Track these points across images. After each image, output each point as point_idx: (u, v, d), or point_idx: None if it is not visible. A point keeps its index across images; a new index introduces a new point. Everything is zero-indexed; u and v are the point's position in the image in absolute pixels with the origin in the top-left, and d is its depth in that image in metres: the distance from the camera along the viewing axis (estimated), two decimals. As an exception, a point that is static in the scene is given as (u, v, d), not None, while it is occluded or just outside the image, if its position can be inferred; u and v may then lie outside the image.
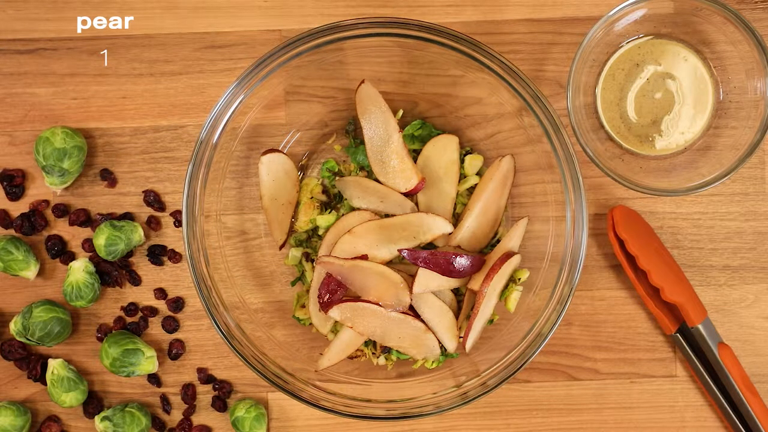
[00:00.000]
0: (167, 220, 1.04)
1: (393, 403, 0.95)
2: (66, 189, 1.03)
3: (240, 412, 1.02)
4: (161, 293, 1.04)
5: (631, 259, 1.01)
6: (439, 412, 0.93)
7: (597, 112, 1.00)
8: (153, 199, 1.03)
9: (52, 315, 1.00)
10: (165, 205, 1.04)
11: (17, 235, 1.03)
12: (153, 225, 1.03)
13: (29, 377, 1.03)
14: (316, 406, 0.93)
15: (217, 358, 1.04)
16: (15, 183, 1.03)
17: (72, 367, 1.02)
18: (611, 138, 1.01)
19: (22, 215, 1.03)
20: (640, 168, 1.00)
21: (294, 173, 1.00)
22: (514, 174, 1.00)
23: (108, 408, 1.03)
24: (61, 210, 1.03)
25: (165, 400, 1.04)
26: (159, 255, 1.03)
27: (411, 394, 0.97)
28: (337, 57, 0.97)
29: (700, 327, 1.00)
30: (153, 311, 1.04)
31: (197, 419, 1.05)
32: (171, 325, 1.04)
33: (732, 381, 1.00)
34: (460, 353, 1.00)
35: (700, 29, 0.98)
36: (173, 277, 1.04)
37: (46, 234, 1.04)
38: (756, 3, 1.02)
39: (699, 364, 1.02)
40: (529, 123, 0.94)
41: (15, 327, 1.01)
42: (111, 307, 1.04)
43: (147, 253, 1.04)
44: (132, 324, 1.04)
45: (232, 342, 0.93)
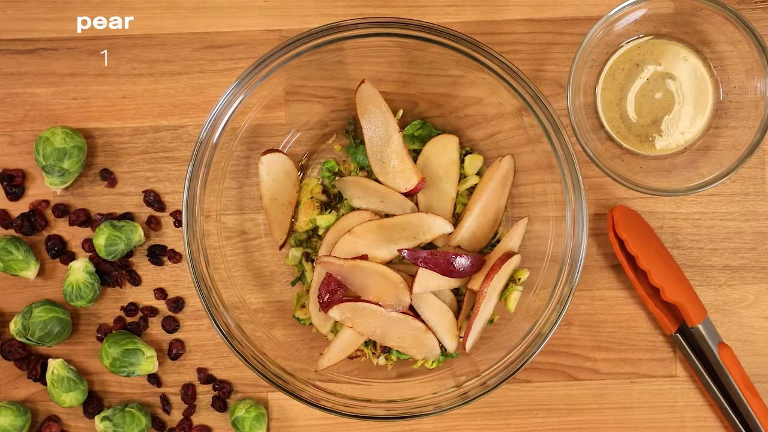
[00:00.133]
0: (167, 220, 1.04)
1: (393, 403, 0.95)
2: (66, 189, 1.03)
3: (240, 412, 1.02)
4: (161, 293, 1.04)
5: (631, 259, 1.01)
6: (439, 412, 0.93)
7: (597, 112, 1.00)
8: (153, 199, 1.03)
9: (52, 315, 1.00)
10: (165, 205, 1.04)
11: (17, 235, 1.03)
12: (153, 225, 1.03)
13: (29, 377, 1.03)
14: (316, 406, 0.93)
15: (217, 358, 1.04)
16: (15, 183, 1.03)
17: (72, 367, 1.02)
18: (611, 138, 1.01)
19: (22, 215, 1.03)
20: (640, 168, 1.00)
21: (294, 173, 1.00)
22: (514, 174, 1.00)
23: (108, 408, 1.03)
24: (61, 210, 1.03)
25: (165, 400, 1.04)
26: (159, 255, 1.03)
27: (411, 394, 0.96)
28: (337, 57, 0.97)
29: (700, 327, 1.00)
30: (153, 311, 1.04)
31: (197, 419, 1.05)
32: (171, 325, 1.04)
33: (732, 381, 1.00)
34: (460, 353, 1.00)
35: (700, 29, 0.98)
36: (173, 277, 1.04)
37: (46, 234, 1.04)
38: (756, 3, 1.02)
39: (699, 364, 1.02)
40: (529, 123, 0.94)
41: (15, 327, 1.01)
42: (111, 307, 1.04)
43: (147, 253, 1.04)
44: (132, 324, 1.04)
45: (232, 342, 0.93)
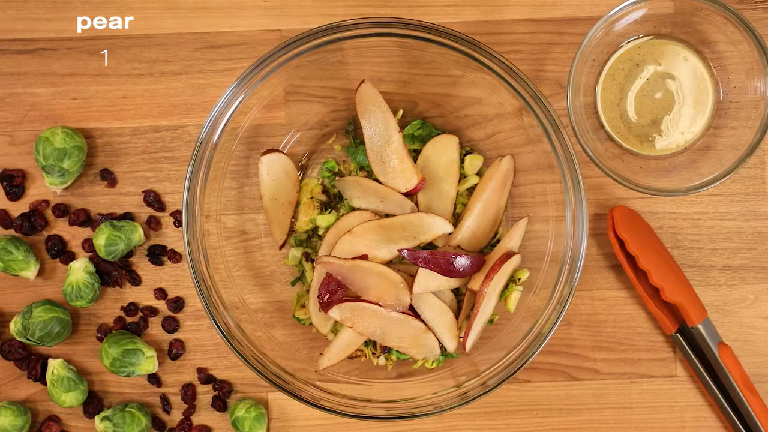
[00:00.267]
0: (167, 220, 1.04)
1: (393, 403, 0.95)
2: (66, 189, 1.03)
3: (240, 412, 1.02)
4: (161, 293, 1.04)
5: (631, 259, 1.01)
6: (439, 412, 0.93)
7: (597, 112, 1.00)
8: (153, 199, 1.03)
9: (52, 315, 1.00)
10: (165, 205, 1.04)
11: (17, 235, 1.03)
12: (153, 225, 1.03)
13: (29, 377, 1.03)
14: (316, 406, 0.93)
15: (217, 358, 1.04)
16: (15, 183, 1.03)
17: (72, 367, 1.02)
18: (611, 138, 1.01)
19: (22, 215, 1.03)
20: (640, 168, 1.00)
21: (294, 173, 1.00)
22: (514, 174, 1.00)
23: (108, 408, 1.03)
24: (61, 210, 1.03)
25: (165, 400, 1.04)
26: (159, 255, 1.03)
27: (411, 394, 0.96)
28: (337, 57, 0.97)
29: (700, 327, 1.00)
30: (153, 311, 1.04)
31: (197, 419, 1.05)
32: (171, 325, 1.04)
33: (732, 381, 1.00)
34: (460, 353, 1.00)
35: (700, 29, 0.98)
36: (173, 277, 1.04)
37: (46, 234, 1.03)
38: (756, 3, 1.02)
39: (699, 364, 1.02)
40: (529, 123, 0.94)
41: (15, 327, 1.01)
42: (111, 307, 1.04)
43: (147, 253, 1.04)
44: (132, 324, 1.04)
45: (232, 342, 0.93)
